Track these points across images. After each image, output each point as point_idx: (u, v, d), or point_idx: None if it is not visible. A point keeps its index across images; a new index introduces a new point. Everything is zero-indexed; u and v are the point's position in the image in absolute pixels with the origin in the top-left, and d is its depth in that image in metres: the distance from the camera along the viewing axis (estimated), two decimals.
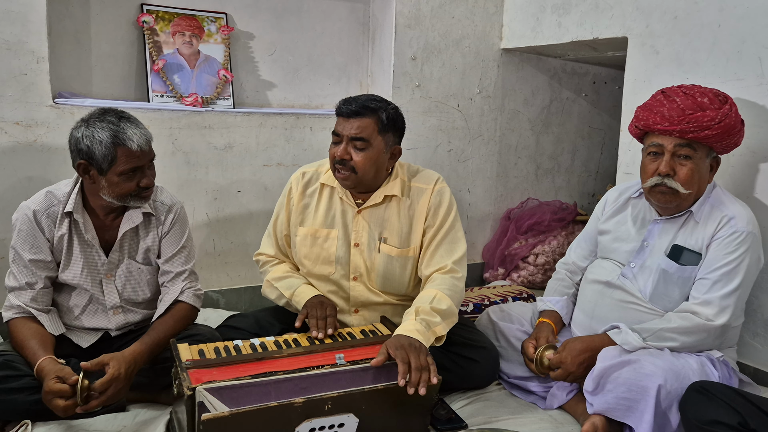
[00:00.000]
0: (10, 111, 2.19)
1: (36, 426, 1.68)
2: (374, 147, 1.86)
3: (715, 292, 1.73)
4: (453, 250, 1.93)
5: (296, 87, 2.91)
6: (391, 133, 1.90)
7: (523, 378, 2.01)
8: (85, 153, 1.72)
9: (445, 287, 1.84)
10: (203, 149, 2.56)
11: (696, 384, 1.59)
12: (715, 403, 1.51)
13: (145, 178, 1.77)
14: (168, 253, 1.92)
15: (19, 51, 2.17)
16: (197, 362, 1.57)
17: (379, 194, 1.94)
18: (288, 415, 1.47)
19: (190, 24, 2.63)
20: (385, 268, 1.96)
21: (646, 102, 1.88)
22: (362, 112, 1.84)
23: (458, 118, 3.11)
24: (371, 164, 1.87)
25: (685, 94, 1.80)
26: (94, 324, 1.89)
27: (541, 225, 3.26)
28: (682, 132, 1.75)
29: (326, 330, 1.76)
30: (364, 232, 1.96)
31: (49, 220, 1.79)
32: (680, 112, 1.76)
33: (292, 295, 1.95)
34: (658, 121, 1.79)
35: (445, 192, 1.97)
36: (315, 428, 1.52)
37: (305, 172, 2.04)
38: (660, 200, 1.82)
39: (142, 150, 1.74)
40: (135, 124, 1.76)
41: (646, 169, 1.83)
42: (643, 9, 2.44)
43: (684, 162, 1.78)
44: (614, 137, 3.69)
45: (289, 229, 2.04)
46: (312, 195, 2.01)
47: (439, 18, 2.95)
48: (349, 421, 1.55)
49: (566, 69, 3.44)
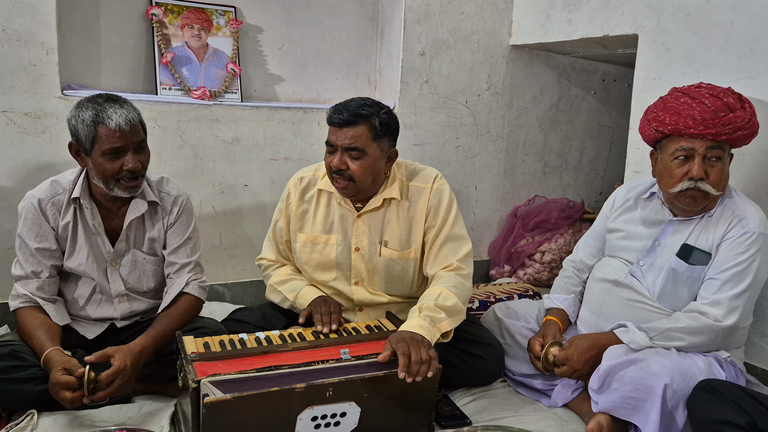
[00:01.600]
0: (20, 102, 2.20)
1: (42, 416, 1.68)
2: (370, 155, 1.81)
3: (724, 293, 1.72)
4: (457, 248, 1.91)
5: (304, 81, 2.90)
6: (385, 138, 1.85)
7: (528, 375, 2.00)
8: (72, 133, 1.74)
9: (451, 284, 1.83)
10: (211, 142, 2.56)
11: (704, 382, 1.58)
12: (723, 403, 1.50)
13: (130, 161, 1.73)
14: (173, 244, 1.93)
15: (28, 42, 2.18)
16: (202, 355, 1.57)
17: (378, 198, 1.92)
18: (290, 401, 1.49)
19: (199, 17, 2.63)
20: (387, 271, 1.95)
21: (667, 104, 1.81)
22: (354, 120, 1.79)
23: (466, 115, 3.10)
24: (368, 172, 1.83)
25: (711, 96, 1.74)
26: (100, 314, 1.89)
27: (547, 223, 3.25)
28: (717, 134, 1.70)
29: (331, 325, 1.76)
30: (365, 237, 1.95)
31: (54, 208, 1.80)
32: (713, 114, 1.71)
33: (295, 297, 1.95)
34: (690, 124, 1.72)
35: (444, 190, 1.94)
36: (317, 416, 1.52)
37: (302, 177, 2.01)
38: (689, 204, 1.77)
39: (122, 130, 1.69)
40: (120, 105, 1.73)
41: (673, 174, 1.77)
42: (654, 6, 2.42)
43: (714, 163, 1.74)
44: (623, 135, 3.67)
45: (289, 235, 2.04)
46: (310, 201, 1.99)
47: (449, 13, 2.94)
48: (351, 410, 1.56)
49: (575, 66, 3.42)
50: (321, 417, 1.54)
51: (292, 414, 1.50)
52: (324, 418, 1.54)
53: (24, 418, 1.67)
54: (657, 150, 1.86)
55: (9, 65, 2.16)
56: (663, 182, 1.82)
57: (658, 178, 1.85)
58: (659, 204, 1.90)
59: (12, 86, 2.18)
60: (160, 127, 2.44)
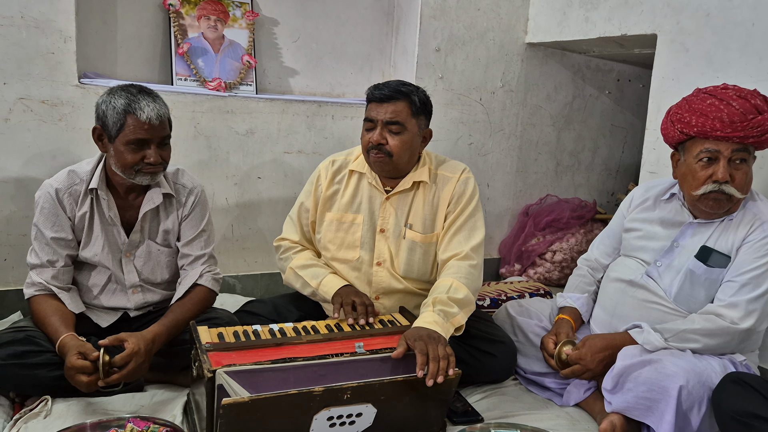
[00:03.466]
0: (37, 89, 2.20)
1: (56, 402, 1.69)
2: (409, 130, 1.87)
3: (742, 296, 1.70)
4: (471, 237, 1.93)
5: (319, 75, 2.90)
6: (423, 115, 1.92)
7: (540, 374, 2.00)
8: (100, 118, 1.75)
9: (461, 275, 1.84)
10: (225, 134, 2.55)
11: (733, 374, 1.56)
12: (752, 396, 1.47)
13: (152, 155, 1.74)
14: (188, 236, 1.93)
15: (47, 30, 2.18)
16: (217, 345, 1.57)
17: (408, 180, 1.95)
18: (307, 403, 1.47)
19: (216, 8, 2.62)
20: (409, 253, 1.96)
21: (692, 105, 1.77)
22: (395, 96, 1.86)
23: (480, 112, 3.08)
24: (407, 148, 1.88)
25: (739, 98, 1.71)
26: (114, 303, 1.90)
27: (559, 222, 3.23)
28: (744, 137, 1.68)
29: (367, 317, 1.76)
30: (391, 218, 1.97)
31: (71, 198, 1.80)
32: (742, 116, 1.68)
33: (318, 285, 1.93)
34: (717, 127, 1.70)
35: (470, 182, 1.98)
36: (333, 416, 1.52)
37: (335, 160, 2.04)
38: (713, 207, 1.75)
39: (151, 123, 1.71)
40: (153, 99, 1.75)
41: (697, 176, 1.74)
42: (674, 5, 2.40)
43: (740, 166, 1.72)
44: (636, 136, 3.65)
45: (315, 216, 2.03)
46: (340, 182, 2.02)
47: (465, 10, 2.92)
48: (367, 411, 1.55)
49: (590, 65, 3.40)
50: (337, 417, 1.53)
51: (308, 414, 1.50)
52: (339, 418, 1.53)
53: (38, 404, 1.68)
54: (679, 151, 1.84)
55: (27, 52, 2.17)
56: (686, 184, 1.80)
57: (681, 180, 1.83)
58: (679, 205, 1.89)
59: (29, 73, 2.18)
60: (175, 118, 2.39)
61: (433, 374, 1.52)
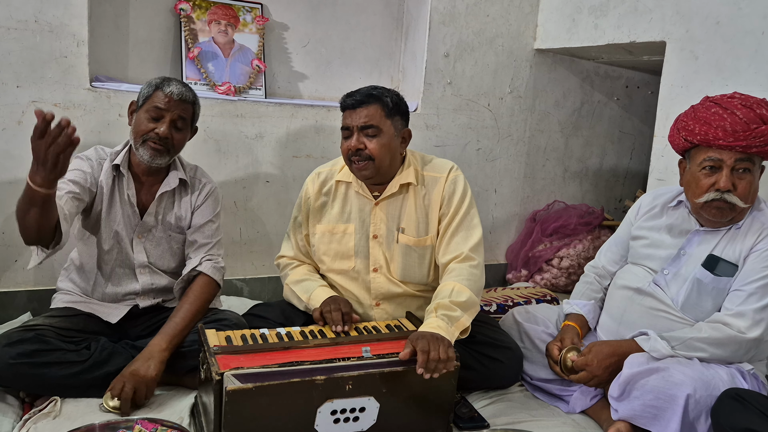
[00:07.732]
0: (50, 92, 2.23)
1: (65, 402, 1.71)
2: (385, 132, 1.88)
3: (749, 305, 1.70)
4: (469, 237, 1.93)
5: (328, 79, 2.91)
6: (398, 116, 1.92)
7: (546, 380, 1.99)
8: (139, 94, 1.90)
9: (463, 277, 1.84)
10: (234, 138, 2.57)
11: (731, 391, 1.56)
12: (750, 411, 1.48)
13: (163, 127, 1.84)
14: (197, 223, 2.00)
15: (60, 33, 2.20)
16: (225, 348, 1.59)
17: (395, 183, 1.95)
18: (310, 393, 1.51)
19: (227, 13, 2.64)
20: (404, 258, 1.97)
21: (698, 114, 1.78)
22: (367, 100, 1.87)
23: (488, 117, 3.09)
24: (386, 150, 1.88)
25: (744, 107, 1.71)
26: (122, 288, 1.95)
27: (566, 228, 3.23)
28: (747, 147, 1.68)
29: (344, 326, 1.77)
30: (382, 224, 1.98)
31: (98, 164, 1.91)
32: (744, 126, 1.68)
33: (308, 298, 1.96)
34: (720, 135, 1.70)
35: (459, 180, 1.97)
36: (336, 410, 1.54)
37: (320, 172, 2.07)
38: (716, 215, 1.75)
39: (172, 96, 1.84)
40: (184, 85, 1.90)
41: (700, 184, 1.75)
42: (683, 13, 2.40)
43: (743, 176, 1.72)
44: (644, 143, 3.64)
45: (308, 229, 2.06)
46: (328, 193, 2.03)
47: (474, 16, 2.93)
48: (369, 405, 1.57)
49: (599, 72, 3.40)
50: (340, 411, 1.55)
51: (312, 406, 1.52)
52: (343, 412, 1.56)
53: (48, 404, 1.69)
54: (686, 159, 1.85)
55: (40, 56, 2.19)
56: (690, 192, 1.80)
57: (686, 188, 1.83)
58: (686, 213, 1.88)
59: (42, 77, 2.21)
60: None
61: (430, 370, 1.55)
